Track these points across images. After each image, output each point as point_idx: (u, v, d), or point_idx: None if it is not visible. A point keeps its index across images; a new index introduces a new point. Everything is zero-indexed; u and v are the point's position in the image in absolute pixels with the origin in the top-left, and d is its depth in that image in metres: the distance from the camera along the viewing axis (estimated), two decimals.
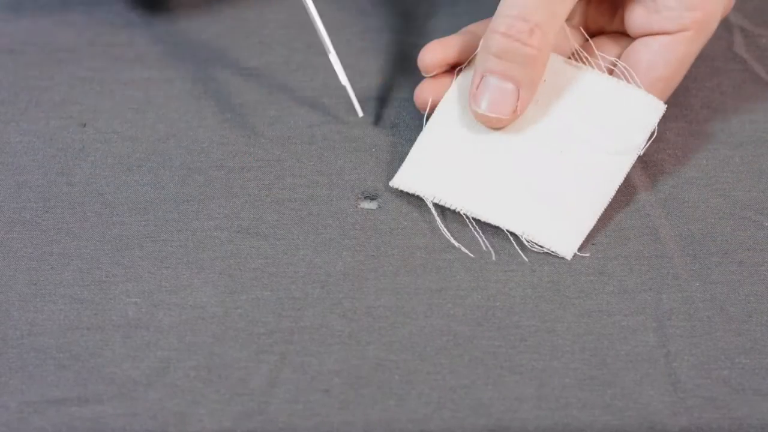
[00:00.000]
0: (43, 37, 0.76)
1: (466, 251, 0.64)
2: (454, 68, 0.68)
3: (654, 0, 0.66)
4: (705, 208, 0.67)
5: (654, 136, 0.66)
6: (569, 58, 0.69)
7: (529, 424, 0.58)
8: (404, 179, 0.66)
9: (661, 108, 0.66)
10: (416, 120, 0.70)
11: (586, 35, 0.69)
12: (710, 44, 0.78)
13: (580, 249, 0.65)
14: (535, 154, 0.66)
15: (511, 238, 0.65)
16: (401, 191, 0.67)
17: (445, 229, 0.65)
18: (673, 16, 0.65)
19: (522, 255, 0.64)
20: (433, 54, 0.67)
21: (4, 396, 0.58)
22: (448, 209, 0.65)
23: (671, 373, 0.59)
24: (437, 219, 0.65)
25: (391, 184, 0.66)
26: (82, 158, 0.70)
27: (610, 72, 0.68)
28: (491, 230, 0.65)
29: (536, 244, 0.64)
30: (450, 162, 0.66)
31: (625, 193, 0.68)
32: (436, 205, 0.66)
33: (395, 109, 0.72)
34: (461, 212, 0.65)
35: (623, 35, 0.69)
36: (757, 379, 0.59)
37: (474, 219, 0.65)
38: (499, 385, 0.59)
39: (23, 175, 0.69)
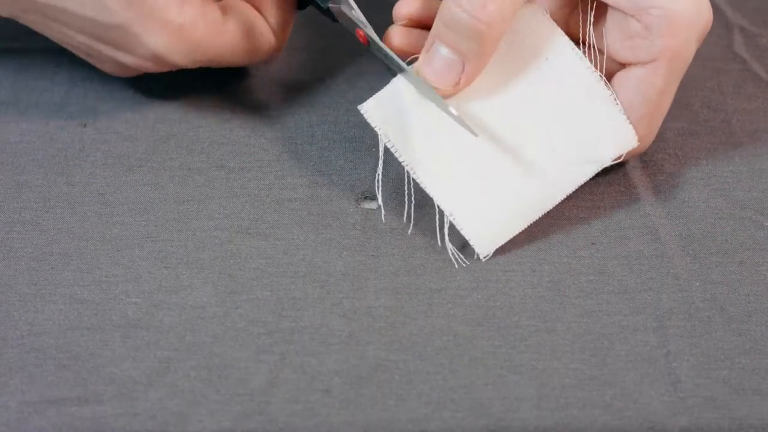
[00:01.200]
0: (43, 37, 0.75)
1: (383, 215, 0.65)
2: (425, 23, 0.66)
3: (628, 24, 0.64)
4: (705, 208, 0.67)
5: (619, 159, 0.65)
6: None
7: (529, 424, 0.58)
8: (373, 110, 0.65)
9: (633, 143, 0.65)
10: None
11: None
12: (710, 44, 0.78)
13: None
14: (494, 139, 0.65)
15: (437, 218, 0.65)
16: (401, 191, 0.67)
17: (379, 178, 0.65)
18: (643, 45, 0.63)
19: (438, 239, 0.64)
20: (407, 7, 0.66)
21: (4, 396, 0.58)
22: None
23: (671, 373, 0.59)
24: (379, 167, 0.65)
25: (359, 107, 0.65)
26: (82, 158, 0.70)
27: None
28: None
29: (458, 229, 0.64)
30: (417, 115, 0.64)
31: (625, 193, 0.68)
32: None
33: None
34: (405, 167, 0.64)
35: (600, 53, 0.67)
36: (757, 379, 0.59)
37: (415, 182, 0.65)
38: (499, 385, 0.59)
39: (23, 175, 0.69)
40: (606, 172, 0.69)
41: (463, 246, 0.65)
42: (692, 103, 0.73)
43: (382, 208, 0.66)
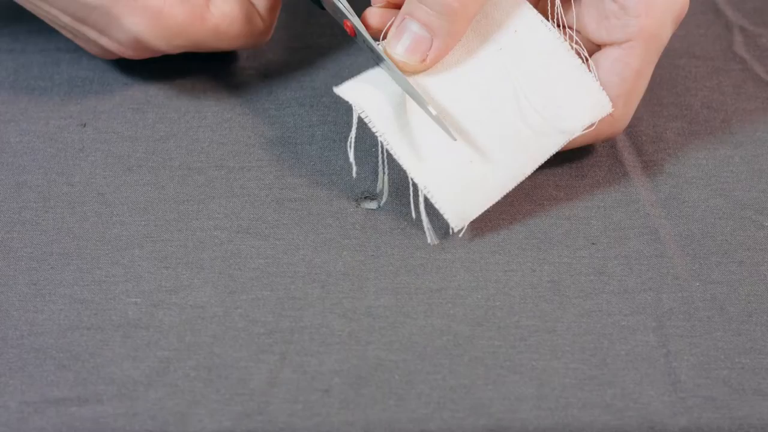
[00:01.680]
0: (43, 37, 0.76)
1: (354, 170, 0.64)
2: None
3: (604, 4, 0.65)
4: (705, 208, 0.67)
5: (591, 128, 0.65)
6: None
7: (529, 424, 0.58)
8: (348, 90, 0.64)
9: (607, 109, 0.65)
10: None
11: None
12: (710, 44, 0.78)
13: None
14: (465, 112, 0.64)
15: (411, 191, 0.64)
16: (401, 192, 0.67)
17: (352, 142, 0.64)
18: (619, 25, 0.64)
19: (411, 211, 0.64)
20: None
21: (4, 396, 0.58)
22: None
23: (671, 373, 0.59)
24: (353, 133, 0.64)
25: (334, 89, 0.65)
26: (82, 158, 0.70)
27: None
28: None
29: (432, 202, 0.63)
30: (391, 92, 0.64)
31: (625, 192, 0.68)
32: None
33: None
34: (379, 138, 0.64)
35: (578, 34, 0.67)
36: (757, 379, 0.59)
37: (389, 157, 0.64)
38: (499, 385, 0.59)
39: (23, 175, 0.69)
40: (606, 172, 0.69)
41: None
42: (692, 103, 0.73)
43: (354, 165, 0.65)
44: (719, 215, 0.67)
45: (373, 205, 0.67)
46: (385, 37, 0.65)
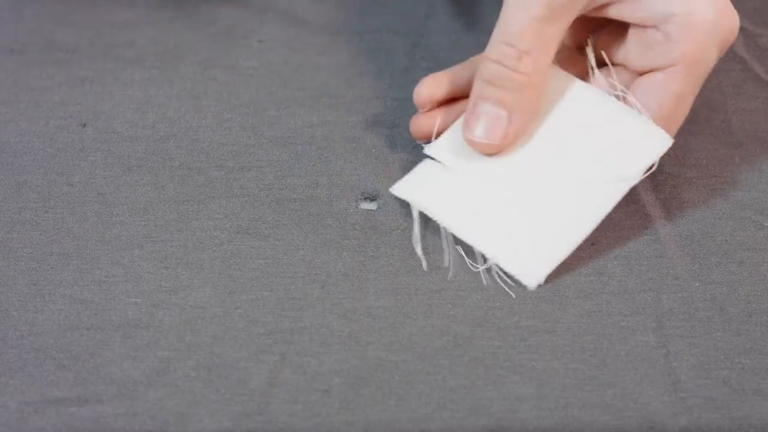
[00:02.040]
0: (43, 37, 0.76)
1: (424, 263, 0.64)
2: (447, 102, 0.68)
3: (647, 35, 0.65)
4: (705, 208, 0.67)
5: (653, 169, 0.65)
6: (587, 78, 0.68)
7: (529, 424, 0.58)
8: (402, 187, 0.65)
9: (667, 142, 0.65)
10: None
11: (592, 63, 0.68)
12: None
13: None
14: (526, 175, 0.65)
15: (479, 261, 0.64)
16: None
17: (417, 235, 0.64)
18: (662, 51, 0.64)
19: (483, 281, 0.63)
20: (428, 89, 0.67)
21: (4, 396, 0.58)
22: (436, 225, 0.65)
23: (671, 373, 0.59)
24: (416, 227, 0.64)
25: (390, 189, 0.66)
26: (82, 158, 0.70)
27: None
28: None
29: (502, 271, 0.63)
30: (446, 178, 0.65)
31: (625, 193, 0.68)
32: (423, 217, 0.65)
33: (395, 108, 0.72)
34: (441, 226, 0.64)
35: (625, 68, 0.68)
36: (757, 379, 0.59)
37: (453, 236, 0.64)
38: (499, 385, 0.59)
39: (23, 175, 0.69)
40: None
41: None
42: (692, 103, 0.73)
43: (423, 259, 0.64)
44: (719, 215, 0.67)
45: (372, 205, 0.67)
46: (437, 137, 0.66)
